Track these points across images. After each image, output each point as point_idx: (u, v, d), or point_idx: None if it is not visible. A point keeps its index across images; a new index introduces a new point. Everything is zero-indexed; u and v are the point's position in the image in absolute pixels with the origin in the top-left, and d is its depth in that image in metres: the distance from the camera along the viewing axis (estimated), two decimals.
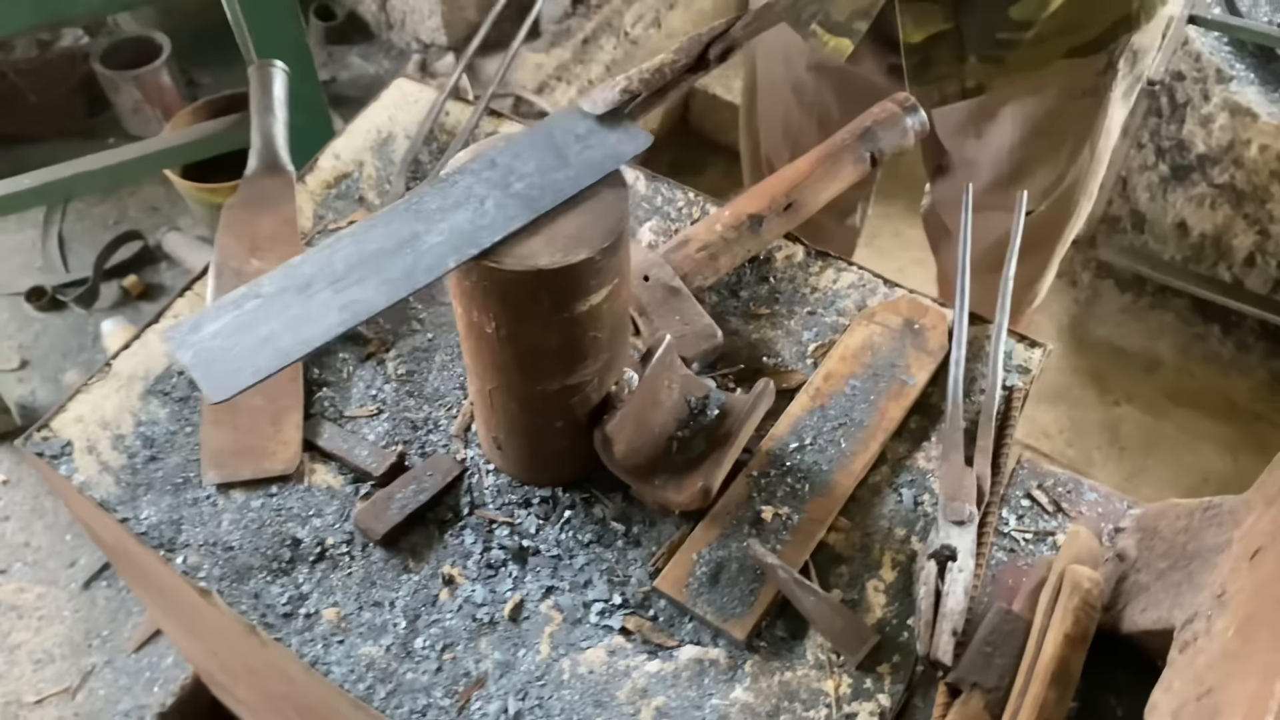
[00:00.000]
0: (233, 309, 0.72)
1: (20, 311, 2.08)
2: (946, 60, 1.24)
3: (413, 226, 0.76)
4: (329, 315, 0.71)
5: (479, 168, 0.79)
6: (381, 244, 0.75)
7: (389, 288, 0.72)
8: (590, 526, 0.94)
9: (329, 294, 0.72)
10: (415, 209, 0.77)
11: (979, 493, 0.93)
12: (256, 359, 0.70)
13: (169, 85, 2.33)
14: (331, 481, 0.97)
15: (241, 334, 0.71)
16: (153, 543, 0.94)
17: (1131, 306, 2.45)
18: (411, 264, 0.74)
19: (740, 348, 1.06)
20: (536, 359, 0.83)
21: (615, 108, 0.83)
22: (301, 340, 0.71)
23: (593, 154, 0.80)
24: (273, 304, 0.72)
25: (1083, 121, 1.36)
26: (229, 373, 0.69)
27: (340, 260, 0.74)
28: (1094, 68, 1.28)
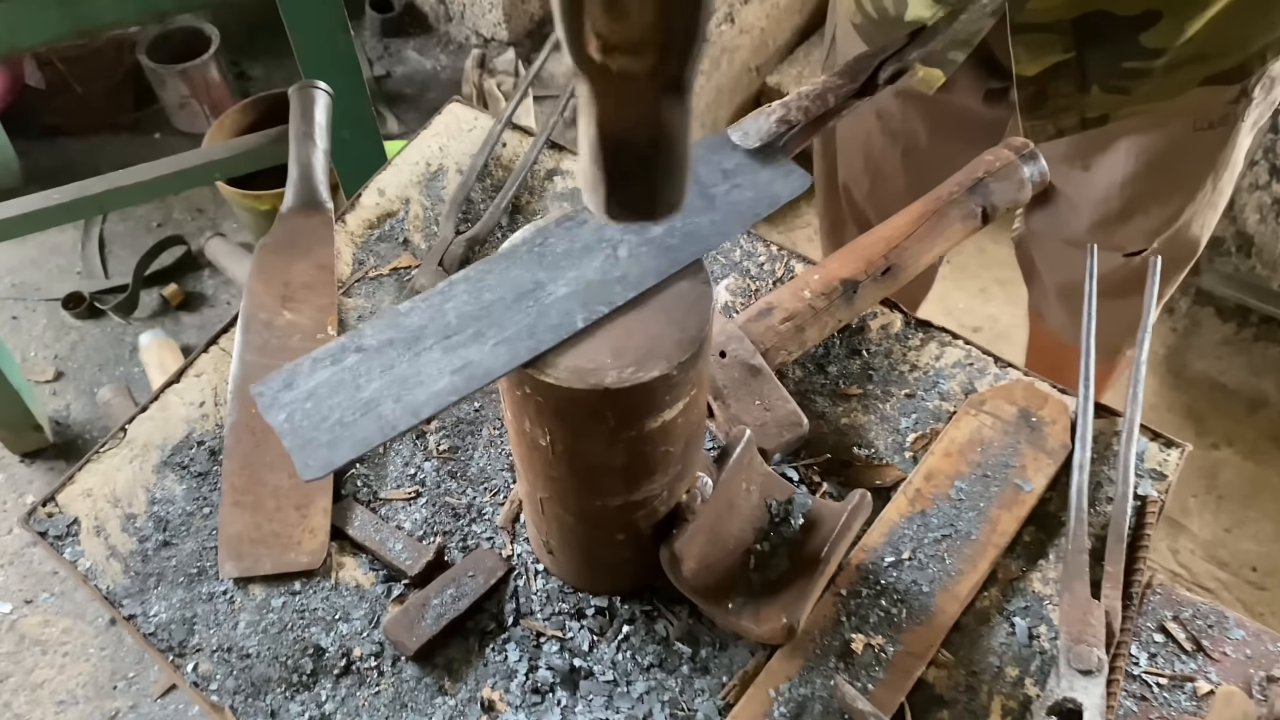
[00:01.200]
0: (329, 364, 0.62)
1: (57, 319, 2.01)
2: (1065, 92, 1.09)
3: (535, 274, 0.65)
4: (440, 379, 0.61)
5: None
6: (500, 294, 0.64)
7: (509, 350, 0.61)
8: (652, 646, 0.82)
9: (439, 352, 0.62)
10: (538, 252, 0.66)
11: (1108, 631, 0.79)
12: (358, 429, 0.59)
13: (217, 80, 2.24)
14: (361, 579, 0.86)
15: (340, 395, 0.60)
16: (161, 645, 0.84)
17: (1233, 339, 2.26)
18: (534, 320, 0.63)
19: (827, 434, 0.93)
20: (597, 475, 0.70)
21: (769, 140, 0.71)
22: (409, 409, 0.60)
23: (742, 195, 0.69)
24: (375, 360, 0.62)
25: (1208, 155, 1.20)
26: (326, 444, 0.59)
27: (453, 311, 0.64)
28: (1226, 96, 1.12)
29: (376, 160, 1.56)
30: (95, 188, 1.40)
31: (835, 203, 1.54)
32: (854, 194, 1.48)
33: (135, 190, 1.42)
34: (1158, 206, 1.25)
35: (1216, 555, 1.95)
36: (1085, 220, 1.28)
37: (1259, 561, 1.94)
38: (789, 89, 2.63)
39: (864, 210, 1.48)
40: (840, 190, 1.51)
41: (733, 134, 0.73)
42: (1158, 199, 1.24)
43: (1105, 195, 1.24)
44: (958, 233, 0.99)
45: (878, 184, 1.43)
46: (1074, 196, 1.28)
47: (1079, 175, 1.26)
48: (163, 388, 0.97)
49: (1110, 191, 1.24)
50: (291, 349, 0.97)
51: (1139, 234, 1.25)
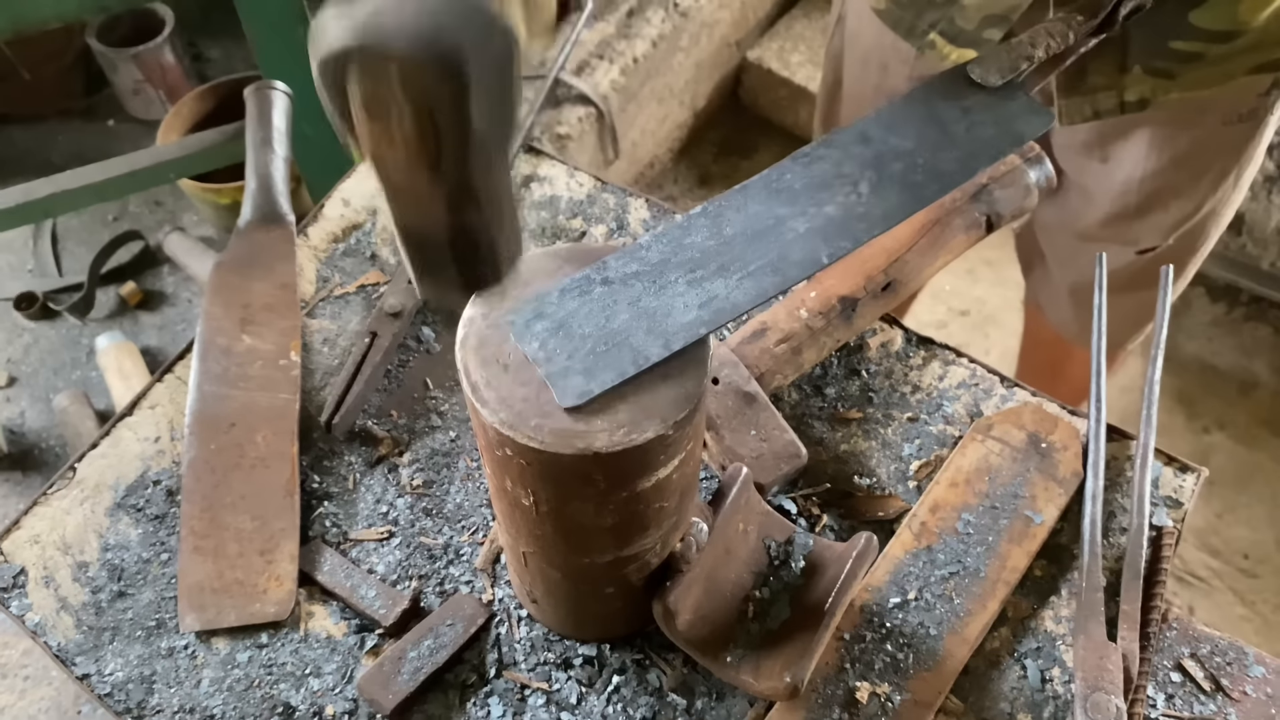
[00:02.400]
0: (577, 294, 0.60)
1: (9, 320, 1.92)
2: (1105, 71, 1.03)
3: (775, 209, 0.64)
4: (687, 312, 0.59)
5: (847, 141, 0.67)
6: (741, 228, 0.63)
7: (754, 284, 0.61)
8: (644, 698, 0.77)
9: (684, 286, 0.61)
10: (776, 188, 0.65)
11: (1126, 677, 0.75)
12: (612, 359, 0.58)
13: (172, 63, 2.14)
14: (332, 629, 0.81)
15: (590, 324, 0.59)
16: (119, 706, 0.78)
17: (1224, 319, 2.22)
18: (778, 255, 0.62)
19: (826, 462, 0.87)
20: (585, 534, 0.65)
21: (1010, 78, 0.69)
22: (660, 340, 0.58)
23: (984, 131, 0.67)
24: (622, 292, 0.60)
25: (1233, 149, 1.15)
26: (583, 372, 0.57)
27: (695, 245, 0.63)
28: (1258, 88, 1.06)
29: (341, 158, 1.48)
30: (41, 191, 1.31)
31: None
32: None
33: (86, 193, 1.34)
34: (1177, 202, 1.20)
35: (1209, 543, 1.93)
36: (1100, 213, 1.22)
37: (1251, 548, 1.92)
38: (770, 64, 2.55)
39: None
40: None
41: (972, 70, 0.70)
42: (1179, 194, 1.19)
43: (1123, 189, 1.19)
44: (961, 244, 0.94)
45: None
46: (1090, 188, 1.23)
47: (1096, 166, 1.20)
48: (114, 422, 0.90)
49: (1129, 185, 1.18)
50: (252, 378, 0.91)
51: (1155, 230, 1.19)
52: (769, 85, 2.56)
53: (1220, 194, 1.20)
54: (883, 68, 1.28)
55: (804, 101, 2.51)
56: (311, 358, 0.94)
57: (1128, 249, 1.24)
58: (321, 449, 0.89)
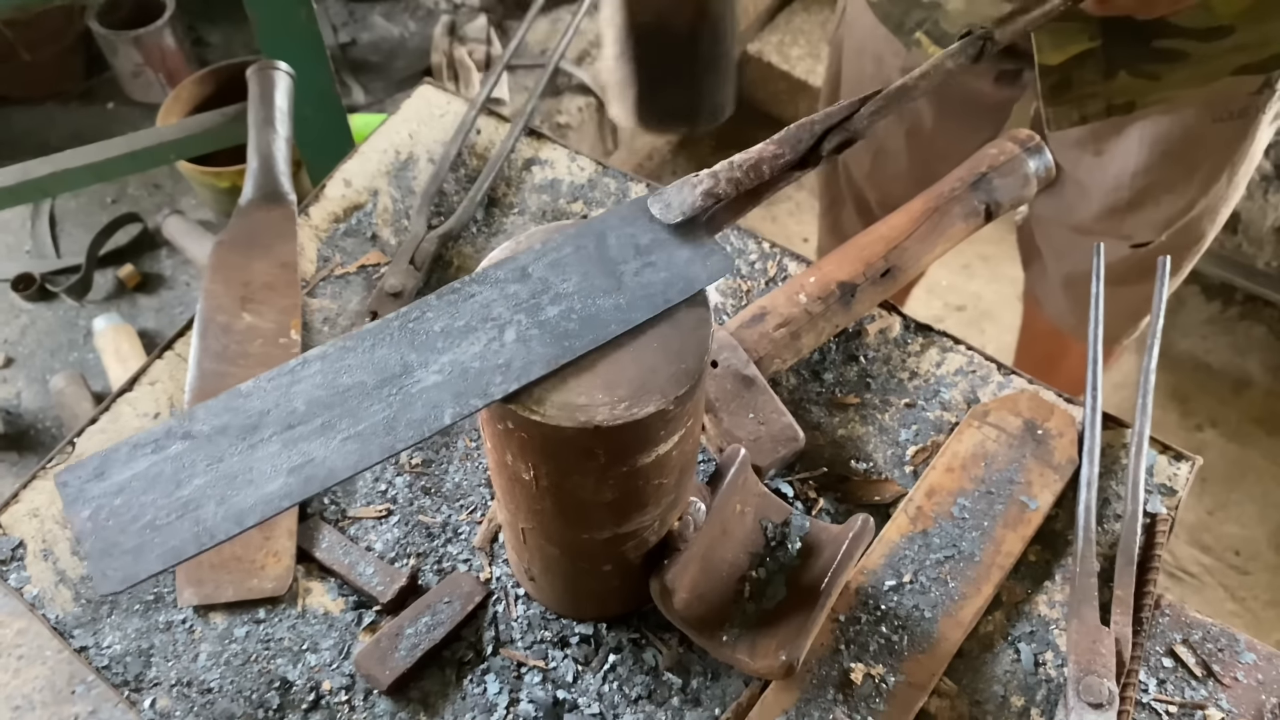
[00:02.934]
0: (150, 451, 0.54)
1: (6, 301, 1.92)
2: (1091, 80, 1.04)
3: (404, 355, 0.57)
4: (273, 479, 0.53)
5: (505, 277, 0.60)
6: (360, 377, 0.56)
7: (358, 447, 0.54)
8: (640, 677, 0.78)
9: (278, 445, 0.54)
10: (412, 328, 0.58)
11: (1118, 660, 0.75)
12: (170, 534, 0.51)
13: (173, 47, 2.13)
14: (330, 606, 0.81)
15: (156, 491, 0.52)
16: (116, 679, 0.78)
17: (1218, 317, 2.23)
18: (394, 413, 0.55)
19: (823, 446, 0.88)
20: (584, 510, 0.65)
21: (693, 215, 0.62)
22: (233, 515, 0.52)
23: (654, 275, 0.60)
24: (204, 449, 0.54)
25: (1225, 146, 1.16)
26: (130, 552, 0.51)
27: (302, 395, 0.56)
28: (1248, 87, 1.07)
29: (341, 139, 1.49)
30: (40, 170, 1.31)
31: (834, 180, 1.49)
32: (853, 172, 1.43)
33: (85, 172, 1.34)
34: (1170, 197, 1.20)
35: (1200, 539, 1.94)
36: (1095, 207, 1.23)
37: (1242, 545, 1.93)
38: (770, 57, 2.56)
39: (862, 189, 1.43)
40: (839, 167, 1.45)
41: (652, 205, 0.63)
42: (1171, 190, 1.20)
43: (1116, 183, 1.20)
44: (960, 232, 0.94)
45: (879, 162, 1.38)
46: (1085, 182, 1.24)
47: (1090, 161, 1.21)
48: (114, 397, 0.91)
49: (1122, 180, 1.19)
50: (252, 355, 0.91)
51: (1148, 225, 1.20)
52: (768, 78, 2.57)
53: (1214, 191, 1.21)
54: (877, 59, 1.29)
55: (803, 95, 2.51)
56: (312, 337, 0.94)
57: (1122, 244, 1.25)
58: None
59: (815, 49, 2.54)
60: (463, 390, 0.55)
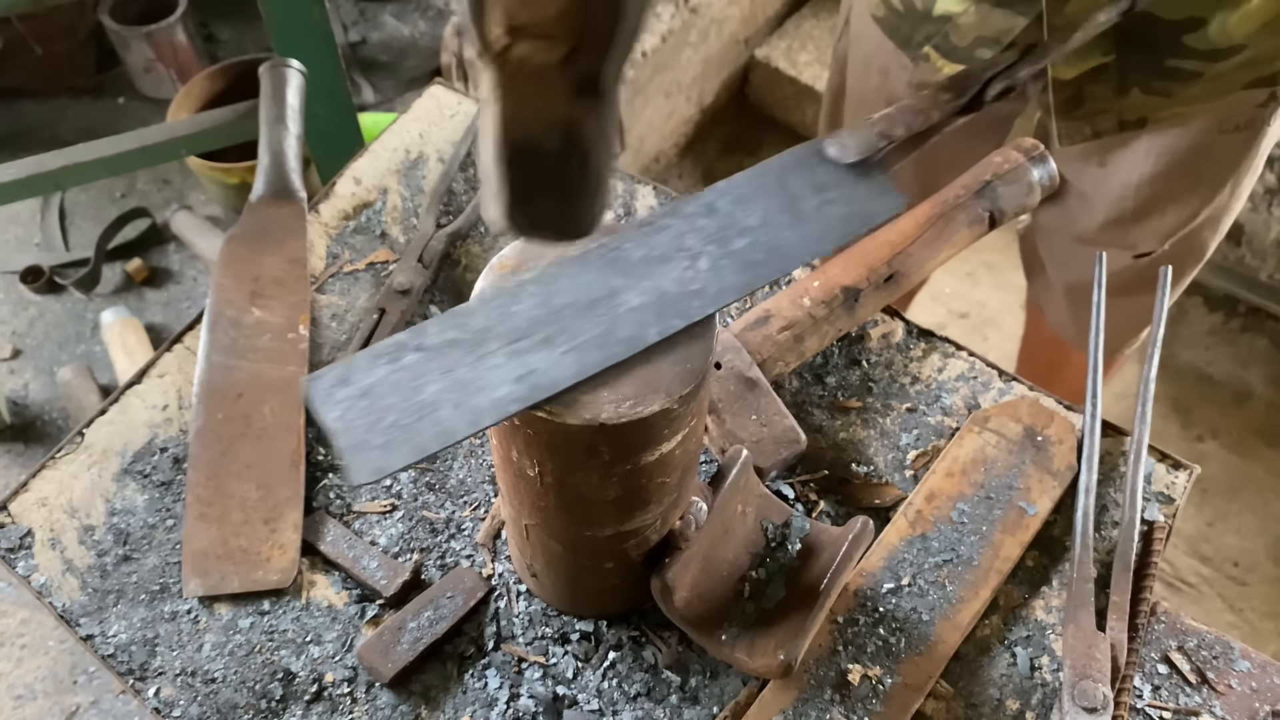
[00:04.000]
0: (387, 362, 0.57)
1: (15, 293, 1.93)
2: (1104, 95, 1.05)
3: (609, 280, 0.61)
4: (503, 386, 0.56)
5: (693, 212, 0.64)
6: (571, 298, 0.60)
7: (577, 359, 0.57)
8: (639, 674, 0.79)
9: (504, 357, 0.57)
10: (612, 257, 0.62)
11: (1113, 666, 0.76)
12: (415, 433, 0.55)
13: (184, 43, 2.15)
14: (334, 599, 0.82)
15: (397, 395, 0.56)
16: (121, 668, 0.79)
17: (1221, 329, 2.24)
18: (606, 330, 0.59)
19: (825, 449, 0.89)
20: (587, 507, 0.66)
21: (867, 154, 0.67)
22: (469, 416, 0.55)
23: (834, 210, 0.65)
24: (435, 360, 0.57)
25: (1230, 157, 1.16)
26: (380, 446, 0.54)
27: (521, 313, 0.59)
28: (1255, 99, 1.08)
29: (351, 137, 1.50)
30: (52, 163, 1.32)
31: None
32: None
33: (96, 166, 1.35)
34: (1174, 208, 1.21)
35: (1199, 550, 1.94)
36: (1098, 217, 1.24)
37: (1241, 556, 1.93)
38: (778, 62, 2.56)
39: None
40: None
41: (828, 146, 0.68)
42: (1175, 200, 1.20)
43: (1121, 194, 1.21)
44: (964, 238, 0.95)
45: None
46: (1088, 193, 1.24)
47: (1095, 171, 1.22)
48: (123, 389, 0.92)
49: (1126, 191, 1.20)
50: (260, 349, 0.92)
51: (1152, 235, 1.21)
52: (776, 83, 2.58)
53: (1217, 202, 1.21)
54: (884, 72, 1.30)
55: (810, 100, 2.52)
56: (320, 332, 0.95)
57: (1125, 254, 1.25)
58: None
59: (823, 55, 2.55)
60: (664, 311, 0.59)
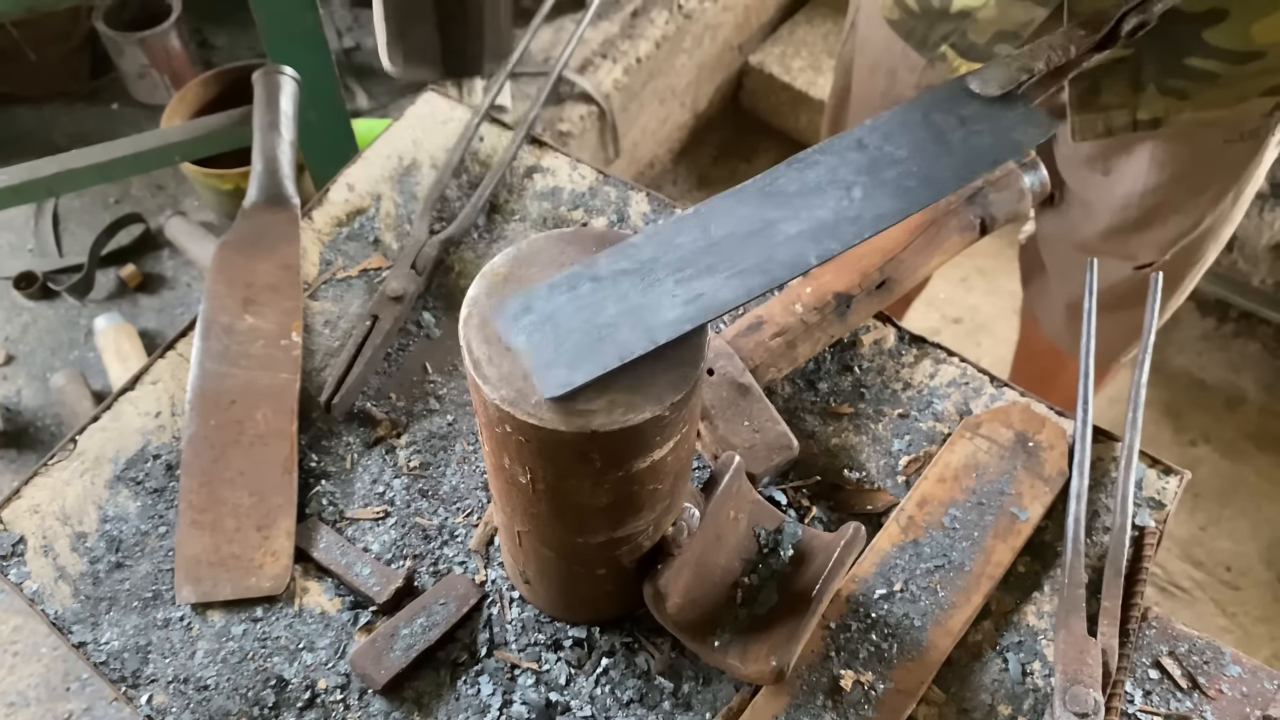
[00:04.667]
0: (566, 290, 0.61)
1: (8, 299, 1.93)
2: (1119, 89, 1.04)
3: (766, 212, 0.64)
4: (673, 309, 0.60)
5: (843, 147, 0.67)
6: (731, 229, 0.64)
7: (742, 282, 0.61)
8: (632, 680, 0.79)
9: (671, 283, 0.61)
10: (768, 190, 0.65)
11: (1104, 671, 0.76)
12: (595, 351, 0.59)
13: (178, 49, 2.15)
14: (326, 605, 0.82)
15: (577, 319, 0.60)
16: (114, 675, 0.79)
17: (1213, 334, 2.25)
18: (766, 256, 0.62)
19: (817, 455, 0.89)
20: (580, 514, 0.66)
21: (1010, 88, 0.70)
22: (646, 333, 0.59)
23: (982, 140, 0.68)
24: (609, 288, 0.61)
25: (1234, 168, 1.16)
26: (566, 364, 0.58)
27: (684, 244, 0.63)
28: (1261, 108, 1.08)
29: (345, 144, 1.50)
30: (46, 169, 1.32)
31: None
32: None
33: (90, 173, 1.35)
34: (1177, 217, 1.21)
35: (1192, 554, 1.95)
36: (1100, 226, 1.24)
37: (1233, 560, 1.94)
38: (772, 68, 2.57)
39: None
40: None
41: (971, 82, 0.71)
42: (1178, 209, 1.20)
43: (1124, 203, 1.21)
44: (955, 245, 0.95)
45: None
46: (1092, 201, 1.24)
47: (1098, 180, 1.21)
48: (116, 396, 0.92)
49: (1129, 200, 1.20)
50: (253, 356, 0.92)
51: (1153, 245, 1.21)
52: (770, 89, 2.58)
53: (1219, 211, 1.21)
54: (891, 74, 1.30)
55: (804, 106, 2.53)
56: (313, 339, 0.95)
57: (1125, 264, 1.25)
58: (320, 429, 0.91)
59: (817, 61, 2.56)
60: (821, 237, 0.63)
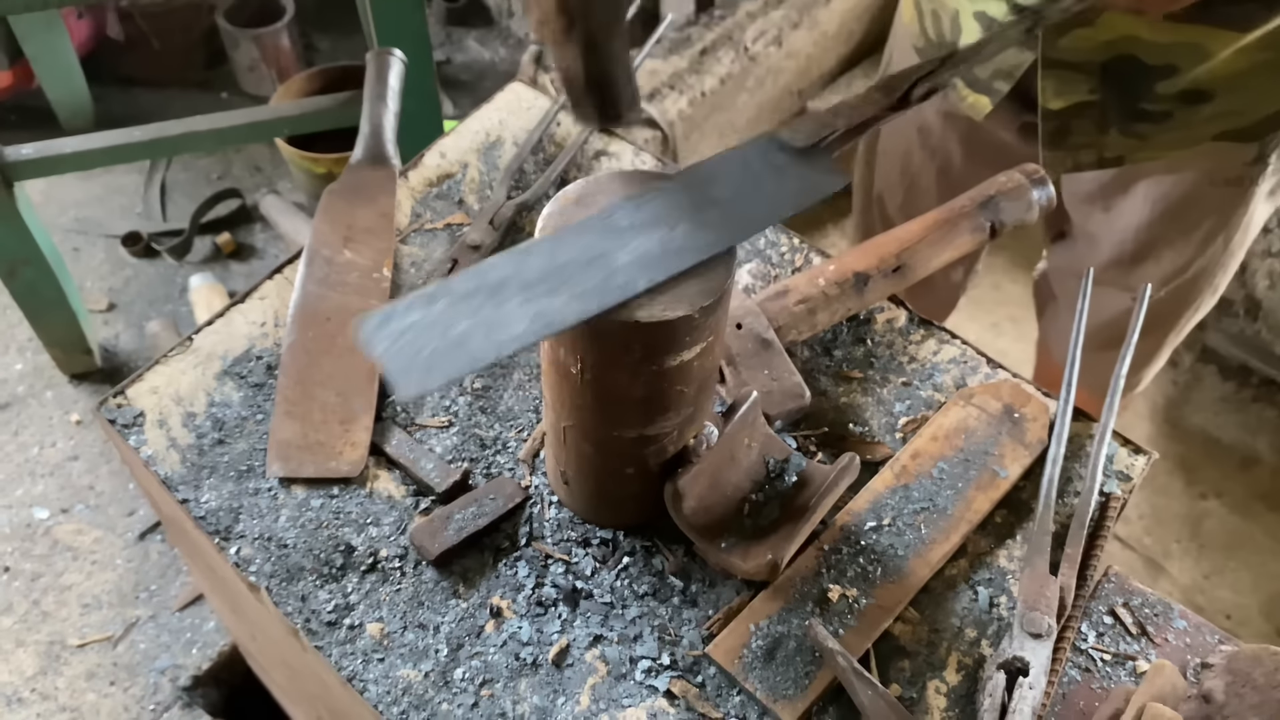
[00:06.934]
0: (423, 306, 0.70)
1: (115, 254, 2.12)
2: (1086, 130, 1.18)
3: (604, 243, 0.74)
4: (519, 323, 0.69)
5: (673, 189, 0.78)
6: (572, 256, 0.73)
7: (579, 304, 0.70)
8: (647, 577, 0.91)
9: (518, 302, 0.70)
10: (606, 225, 0.75)
11: (1060, 605, 0.87)
12: (448, 359, 0.68)
13: (287, 48, 2.36)
14: (393, 491, 0.95)
15: (432, 332, 0.69)
16: (209, 528, 0.93)
17: (1233, 397, 2.33)
18: (602, 281, 0.72)
19: (827, 410, 1.01)
20: (618, 406, 0.79)
21: (814, 141, 0.81)
22: (493, 344, 0.68)
23: (788, 186, 0.79)
24: (463, 305, 0.70)
25: (1221, 210, 1.29)
26: (421, 370, 0.67)
27: (532, 268, 0.73)
28: (1243, 156, 1.21)
29: (434, 132, 1.67)
30: (170, 130, 1.50)
31: (869, 212, 1.63)
32: (887, 204, 1.57)
33: (206, 136, 1.52)
34: (1170, 253, 1.33)
35: (1193, 600, 2.02)
36: (1102, 258, 1.36)
37: (1234, 610, 2.00)
38: None
39: (894, 220, 1.57)
40: (874, 200, 1.60)
41: (784, 134, 0.82)
42: (1171, 246, 1.32)
43: (1122, 237, 1.33)
44: (966, 243, 1.08)
45: (910, 196, 1.52)
46: (1095, 234, 1.37)
47: (1100, 215, 1.34)
48: (228, 306, 1.07)
49: (1126, 234, 1.32)
50: (349, 284, 1.07)
51: (1150, 279, 1.33)
52: None
53: (1210, 253, 1.33)
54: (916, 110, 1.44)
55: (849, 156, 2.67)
56: (400, 275, 1.10)
57: (1125, 296, 1.37)
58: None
59: None
60: (649, 267, 0.72)
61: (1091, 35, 1.08)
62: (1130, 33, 1.07)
